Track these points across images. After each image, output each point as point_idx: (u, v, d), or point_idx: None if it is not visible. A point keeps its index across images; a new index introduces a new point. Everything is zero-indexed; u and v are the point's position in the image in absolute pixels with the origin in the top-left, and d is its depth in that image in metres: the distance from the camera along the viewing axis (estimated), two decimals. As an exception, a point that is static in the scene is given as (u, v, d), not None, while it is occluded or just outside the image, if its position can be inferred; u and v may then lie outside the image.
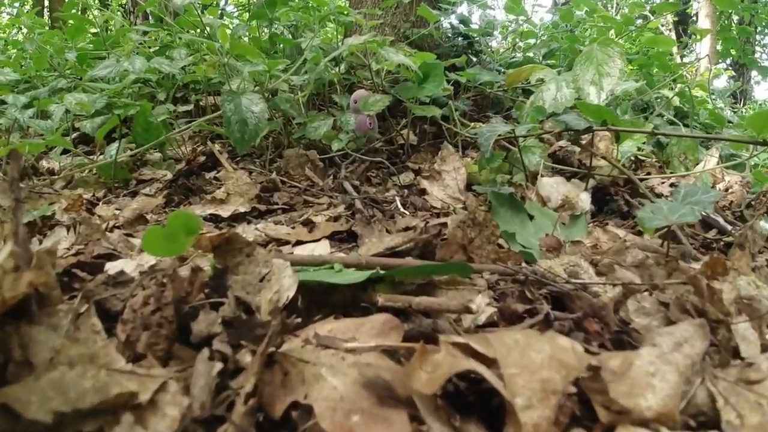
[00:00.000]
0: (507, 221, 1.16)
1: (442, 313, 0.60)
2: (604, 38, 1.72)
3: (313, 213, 1.24)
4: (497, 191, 1.16)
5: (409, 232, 0.89)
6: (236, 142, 1.28)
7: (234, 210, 1.20)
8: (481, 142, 1.16)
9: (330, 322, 0.63)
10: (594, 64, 1.64)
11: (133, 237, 1.07)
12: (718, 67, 3.83)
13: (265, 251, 0.70)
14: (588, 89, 1.61)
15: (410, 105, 1.60)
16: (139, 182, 1.61)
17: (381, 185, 1.52)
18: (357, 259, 0.80)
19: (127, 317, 0.59)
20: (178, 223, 0.61)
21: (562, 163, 1.50)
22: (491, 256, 0.94)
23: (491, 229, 0.91)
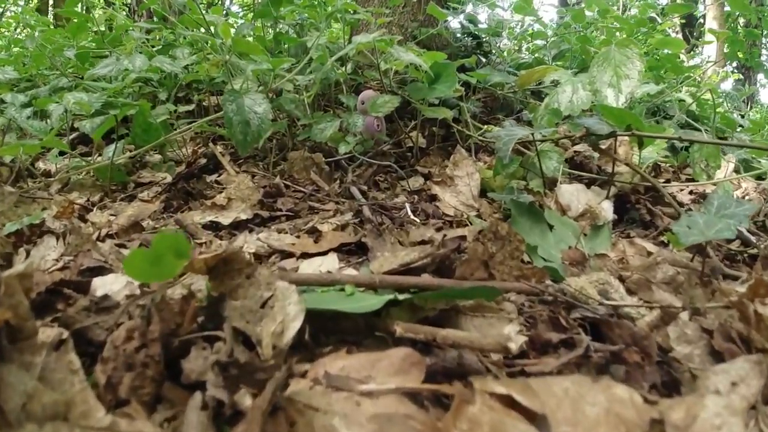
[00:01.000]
0: (527, 232, 1.07)
1: (475, 350, 0.51)
2: (622, 39, 1.63)
3: (318, 220, 1.15)
4: (517, 200, 1.07)
5: (425, 247, 0.80)
6: (238, 144, 1.19)
7: (235, 217, 1.11)
8: (498, 146, 1.06)
9: (342, 357, 0.54)
10: (612, 66, 1.55)
11: (125, 247, 0.98)
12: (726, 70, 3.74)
13: (267, 272, 0.60)
14: (605, 92, 1.52)
15: (420, 106, 1.51)
16: (138, 185, 1.52)
17: (389, 190, 1.43)
18: (369, 278, 0.70)
19: (109, 355, 0.50)
20: (165, 245, 0.52)
21: (579, 169, 1.40)
22: (514, 273, 0.85)
23: (515, 244, 0.82)
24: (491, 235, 0.85)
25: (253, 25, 2.62)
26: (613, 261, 1.05)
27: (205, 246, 1.00)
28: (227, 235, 1.09)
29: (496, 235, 0.85)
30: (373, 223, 0.97)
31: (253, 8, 2.78)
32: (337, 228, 1.09)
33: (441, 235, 0.94)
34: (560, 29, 2.39)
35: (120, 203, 1.34)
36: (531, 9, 2.40)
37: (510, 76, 1.81)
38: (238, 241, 1.03)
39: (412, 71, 1.60)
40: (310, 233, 1.10)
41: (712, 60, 3.92)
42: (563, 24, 2.31)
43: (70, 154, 1.53)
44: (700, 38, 3.46)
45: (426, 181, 1.50)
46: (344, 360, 0.53)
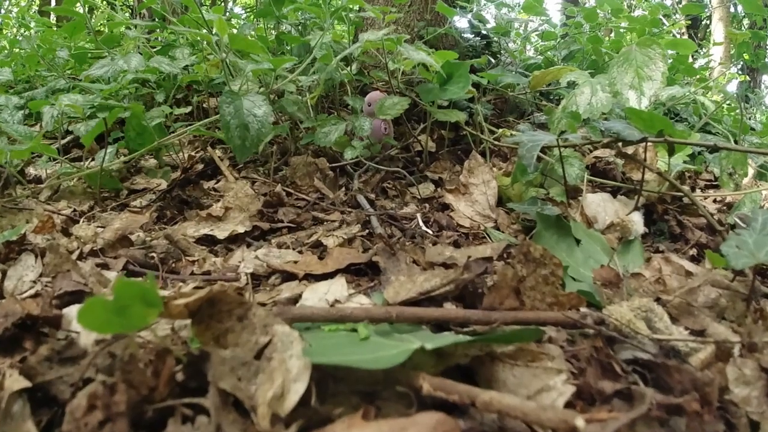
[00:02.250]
0: (553, 248, 0.95)
1: (530, 423, 0.39)
2: (643, 38, 1.50)
3: (323, 233, 1.03)
4: (542, 212, 0.94)
5: (447, 272, 0.68)
6: (236, 150, 1.07)
7: (232, 230, 0.99)
8: (522, 153, 0.94)
9: (357, 425, 0.42)
10: (633, 67, 1.43)
11: (108, 268, 0.86)
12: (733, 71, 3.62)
13: (263, 312, 0.48)
14: (627, 94, 1.40)
15: (431, 109, 1.38)
16: (131, 192, 1.40)
17: (398, 198, 1.31)
18: (385, 312, 0.58)
19: (69, 429, 0.38)
20: (129, 294, 0.40)
21: (602, 177, 1.28)
22: (548, 300, 0.73)
23: (551, 268, 0.70)
24: (521, 257, 0.73)
25: (254, 26, 2.50)
26: (649, 281, 0.93)
27: (197, 264, 0.88)
28: (223, 250, 0.97)
29: (527, 256, 0.72)
30: (384, 239, 0.85)
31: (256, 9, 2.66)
32: (344, 242, 0.97)
33: (462, 254, 0.81)
34: (570, 29, 2.27)
35: (110, 213, 1.22)
36: (540, 8, 2.27)
37: (522, 77, 1.69)
38: (234, 257, 0.91)
39: (422, 72, 1.48)
40: (314, 248, 0.98)
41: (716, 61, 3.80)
42: (574, 23, 2.18)
43: (59, 159, 1.41)
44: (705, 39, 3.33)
45: (437, 188, 1.38)
46: (361, 429, 0.41)
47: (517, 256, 0.73)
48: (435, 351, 0.49)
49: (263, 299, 0.72)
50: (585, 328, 0.69)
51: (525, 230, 1.14)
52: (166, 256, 0.90)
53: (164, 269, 0.87)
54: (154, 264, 0.88)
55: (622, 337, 0.68)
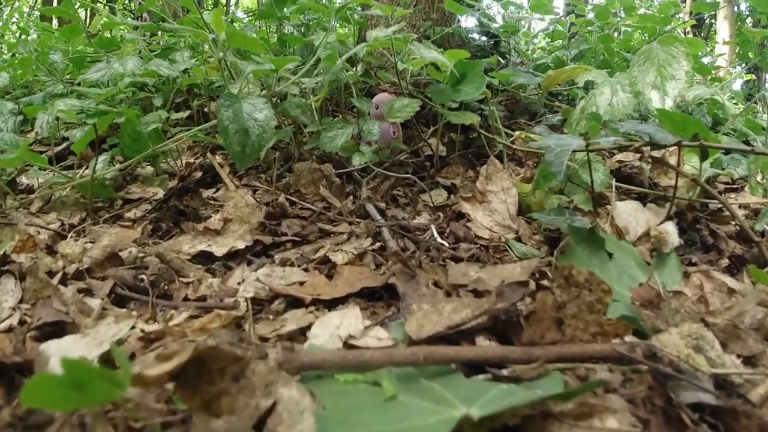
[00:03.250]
0: (585, 263, 0.84)
1: None
2: (665, 36, 1.39)
3: (331, 247, 0.92)
4: (574, 224, 0.84)
5: (479, 302, 0.57)
6: (235, 157, 0.96)
7: (231, 247, 0.88)
8: (550, 159, 0.83)
9: None
10: (655, 66, 1.32)
11: (92, 294, 0.75)
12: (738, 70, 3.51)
13: (264, 368, 0.38)
14: (649, 94, 1.29)
15: (443, 111, 1.27)
16: (126, 202, 1.29)
17: (409, 206, 1.20)
18: (411, 355, 0.48)
19: None
20: (83, 372, 0.29)
21: (627, 182, 1.17)
22: (591, 330, 0.62)
23: (598, 294, 0.59)
24: (562, 281, 0.62)
25: (257, 28, 2.40)
26: (691, 301, 0.82)
27: (192, 287, 0.77)
28: (221, 269, 0.86)
29: (568, 280, 0.62)
30: (400, 257, 0.74)
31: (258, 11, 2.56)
32: (354, 258, 0.86)
33: (489, 274, 0.70)
34: (580, 27, 2.16)
35: (102, 226, 1.11)
36: (549, 7, 2.16)
37: (534, 77, 1.58)
38: (233, 277, 0.80)
39: (431, 72, 1.37)
40: (322, 264, 0.87)
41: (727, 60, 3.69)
42: (585, 22, 2.07)
43: (50, 168, 1.30)
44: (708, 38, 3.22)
45: (450, 195, 1.27)
46: None
47: (556, 279, 0.62)
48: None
49: (265, 332, 0.61)
50: (637, 363, 0.58)
51: (548, 241, 1.03)
52: (157, 278, 0.79)
53: (155, 293, 0.76)
54: (144, 287, 0.78)
55: (678, 374, 0.58)
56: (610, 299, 0.62)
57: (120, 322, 0.66)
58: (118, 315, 0.67)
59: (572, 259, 0.84)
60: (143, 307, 0.75)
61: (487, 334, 0.59)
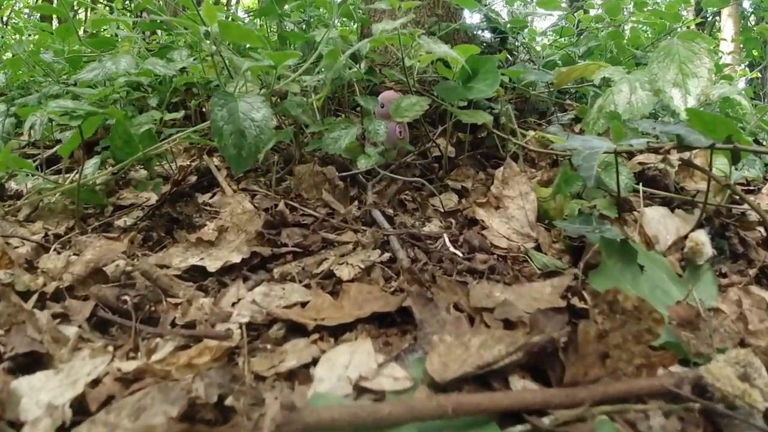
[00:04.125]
0: (617, 278, 0.74)
1: None
2: (686, 32, 1.30)
3: (335, 259, 0.82)
4: (606, 236, 0.74)
5: (513, 335, 0.47)
6: (231, 160, 0.86)
7: (225, 261, 0.78)
8: (578, 163, 0.74)
9: None
10: (676, 63, 1.22)
11: (68, 319, 0.66)
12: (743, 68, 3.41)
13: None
14: (670, 92, 1.19)
15: (454, 110, 1.17)
16: (117, 208, 1.19)
17: (418, 211, 1.10)
18: (437, 407, 0.39)
19: None
20: None
21: (651, 186, 1.07)
22: (636, 361, 0.52)
23: (649, 324, 0.49)
24: (605, 308, 0.52)
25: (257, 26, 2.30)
26: (729, 320, 0.73)
27: (181, 309, 0.67)
28: (215, 286, 0.76)
29: (613, 307, 0.52)
30: (413, 275, 0.65)
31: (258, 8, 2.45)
32: (361, 273, 0.77)
33: (516, 295, 0.61)
34: (589, 24, 2.05)
35: (89, 236, 1.02)
36: (557, 2, 2.06)
37: (546, 75, 1.48)
38: (227, 297, 0.70)
39: (440, 69, 1.27)
40: (326, 279, 0.77)
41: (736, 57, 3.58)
42: (596, 18, 1.97)
43: (36, 173, 1.20)
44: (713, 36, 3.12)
45: (461, 198, 1.17)
46: None
47: (599, 305, 0.52)
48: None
49: (262, 368, 0.52)
50: (687, 401, 0.49)
51: (570, 251, 0.93)
52: (142, 300, 0.70)
53: (139, 316, 0.67)
54: (128, 310, 0.68)
55: (731, 412, 0.48)
56: (661, 329, 0.53)
57: (96, 357, 0.57)
58: (94, 349, 0.57)
59: (604, 274, 0.74)
60: (125, 334, 0.65)
61: (521, 371, 0.49)
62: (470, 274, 0.83)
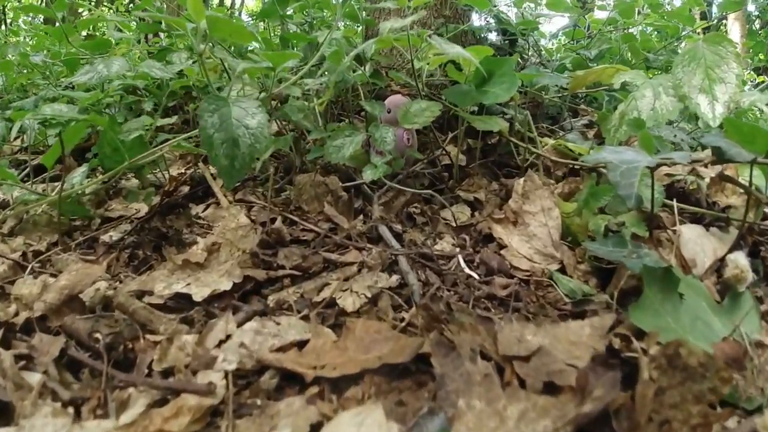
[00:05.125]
0: (657, 312, 0.63)
1: None
2: (712, 35, 1.19)
3: (338, 285, 0.72)
4: (648, 263, 0.63)
5: (561, 404, 0.37)
6: (222, 172, 0.75)
7: (213, 289, 0.68)
8: (615, 180, 0.63)
9: None
10: (702, 67, 1.12)
11: (35, 362, 0.55)
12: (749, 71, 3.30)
13: None
14: (697, 98, 1.09)
15: (467, 116, 1.07)
16: (105, 221, 1.09)
17: (428, 225, 1.00)
18: None
19: None
20: None
21: (681, 201, 0.96)
22: (692, 421, 0.41)
23: (715, 383, 0.39)
24: (664, 362, 0.41)
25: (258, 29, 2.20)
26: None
27: (160, 349, 0.56)
28: (201, 318, 0.65)
29: (673, 362, 0.41)
30: (430, 312, 0.54)
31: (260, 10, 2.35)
32: (367, 305, 0.66)
33: (551, 337, 0.50)
34: (600, 26, 1.94)
35: (70, 254, 0.91)
36: (567, 4, 1.95)
37: (560, 78, 1.37)
38: (214, 333, 0.59)
39: (450, 71, 1.17)
40: (328, 308, 0.67)
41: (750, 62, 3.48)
42: (609, 20, 1.86)
43: (19, 183, 1.10)
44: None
45: (473, 211, 1.06)
46: None
47: (657, 359, 0.42)
48: None
49: (247, 438, 0.41)
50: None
51: (597, 272, 0.82)
52: (116, 338, 0.59)
53: (113, 357, 0.56)
54: (100, 350, 0.57)
55: None
56: (727, 388, 0.42)
57: (58, 417, 0.46)
58: (56, 410, 0.47)
59: (645, 308, 0.63)
60: (96, 380, 0.55)
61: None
62: (489, 301, 0.73)
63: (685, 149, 1.37)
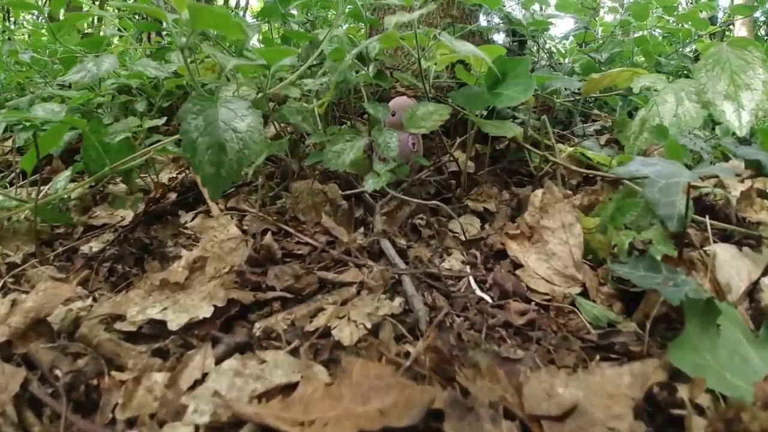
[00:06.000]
0: (696, 348, 0.54)
1: None
2: (737, 39, 1.09)
3: (334, 311, 0.62)
4: (690, 294, 0.54)
5: None
6: (207, 181, 0.66)
7: (192, 316, 0.58)
8: (653, 197, 0.54)
9: None
10: (727, 72, 1.03)
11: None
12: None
13: None
14: (722, 105, 0.99)
15: (476, 119, 0.97)
16: (88, 229, 0.99)
17: (434, 239, 0.90)
18: None
19: None
20: None
21: (709, 216, 0.86)
22: None
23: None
24: (721, 426, 0.32)
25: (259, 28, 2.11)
26: None
27: (126, 390, 0.47)
28: (176, 349, 0.56)
29: (732, 427, 0.31)
30: (440, 356, 0.45)
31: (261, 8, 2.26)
32: (367, 335, 0.57)
33: (585, 389, 0.40)
34: (612, 28, 1.85)
35: (48, 267, 0.82)
36: (575, 6, 1.85)
37: (573, 82, 1.28)
38: (188, 371, 0.50)
39: (459, 72, 1.07)
40: (322, 339, 0.57)
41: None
42: (622, 22, 1.77)
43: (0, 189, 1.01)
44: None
45: (483, 223, 0.97)
46: None
47: (714, 424, 0.32)
48: None
49: None
50: None
51: (620, 295, 0.73)
52: (77, 376, 0.50)
53: (73, 398, 0.47)
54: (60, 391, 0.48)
55: None
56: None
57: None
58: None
59: (684, 345, 0.54)
60: (54, 425, 0.46)
61: None
62: (504, 329, 0.64)
63: (704, 158, 1.27)
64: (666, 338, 0.65)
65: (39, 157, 0.90)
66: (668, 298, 0.56)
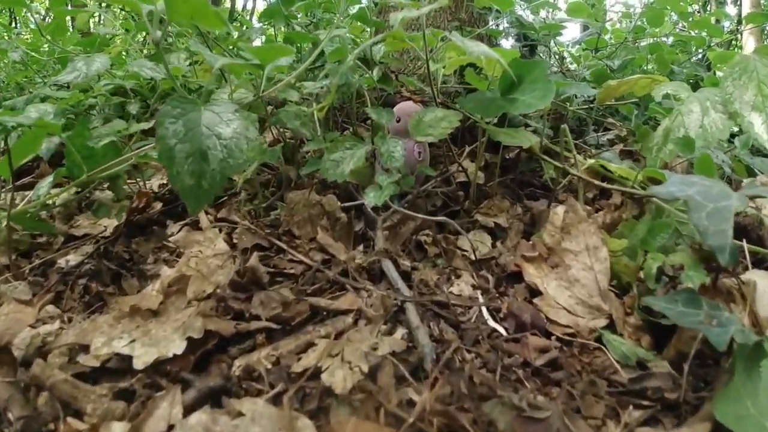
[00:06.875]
0: (740, 396, 0.45)
1: None
2: (764, 46, 1.01)
3: (326, 348, 0.53)
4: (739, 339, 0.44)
5: None
6: (185, 194, 0.57)
7: (160, 354, 0.50)
8: (700, 224, 0.44)
9: None
10: (755, 82, 0.94)
11: None
12: None
13: None
14: (749, 116, 0.91)
15: (488, 127, 0.88)
16: (70, 239, 0.91)
17: (441, 257, 0.81)
18: None
19: None
20: None
21: (740, 238, 0.77)
22: None
23: None
24: None
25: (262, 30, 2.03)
26: None
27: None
28: (142, 391, 0.47)
29: None
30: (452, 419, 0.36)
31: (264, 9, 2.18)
32: (365, 381, 0.48)
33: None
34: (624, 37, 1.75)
35: (20, 283, 0.73)
36: (586, 11, 1.76)
37: (588, 89, 1.18)
38: (150, 423, 0.41)
39: (470, 76, 0.98)
40: (309, 382, 0.48)
41: None
42: (637, 29, 1.68)
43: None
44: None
45: (495, 240, 0.88)
46: None
47: None
48: None
49: None
50: None
51: (649, 328, 0.63)
52: (29, 424, 0.41)
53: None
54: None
55: None
56: None
57: None
58: None
59: (729, 396, 0.44)
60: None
61: None
62: (522, 369, 0.54)
63: (725, 171, 1.18)
64: (699, 377, 0.56)
65: (12, 164, 0.81)
66: (714, 341, 0.46)
